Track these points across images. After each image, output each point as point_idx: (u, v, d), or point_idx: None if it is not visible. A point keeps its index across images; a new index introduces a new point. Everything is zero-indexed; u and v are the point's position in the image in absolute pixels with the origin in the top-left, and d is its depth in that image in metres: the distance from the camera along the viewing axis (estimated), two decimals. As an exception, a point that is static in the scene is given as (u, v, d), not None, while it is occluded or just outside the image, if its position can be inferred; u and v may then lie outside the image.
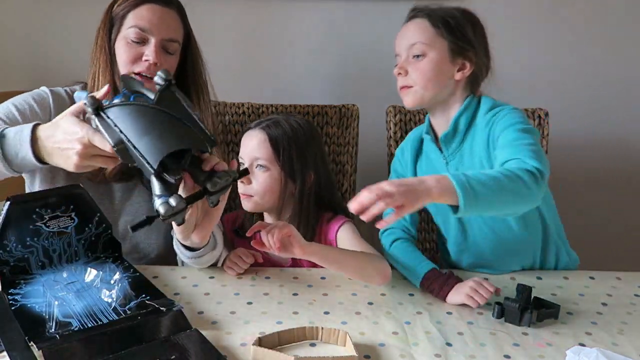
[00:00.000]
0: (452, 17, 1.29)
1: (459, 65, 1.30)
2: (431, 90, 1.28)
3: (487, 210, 1.07)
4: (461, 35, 1.29)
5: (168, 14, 1.32)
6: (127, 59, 1.30)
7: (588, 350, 1.01)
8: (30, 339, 0.96)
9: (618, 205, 2.10)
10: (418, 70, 1.28)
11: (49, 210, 1.17)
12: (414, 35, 1.29)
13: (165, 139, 0.95)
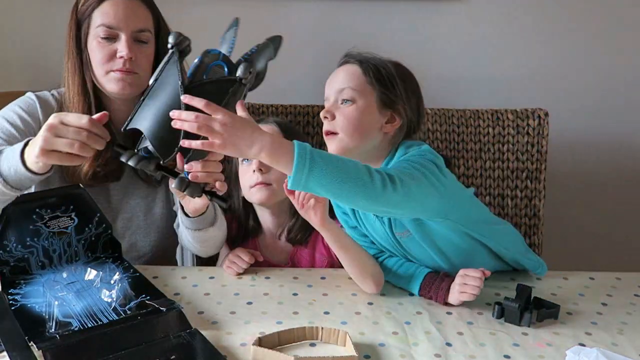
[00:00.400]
0: (384, 68, 1.25)
1: (387, 117, 1.23)
2: (357, 140, 1.21)
3: (322, 186, 1.00)
4: (391, 87, 1.23)
5: (132, 4, 1.30)
6: (101, 58, 1.29)
7: (588, 350, 1.01)
8: (30, 339, 0.96)
9: (618, 205, 2.10)
10: (344, 116, 1.21)
11: (49, 211, 1.17)
12: (343, 80, 1.24)
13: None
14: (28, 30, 1.87)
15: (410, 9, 1.91)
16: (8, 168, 1.10)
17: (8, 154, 1.11)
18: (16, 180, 1.10)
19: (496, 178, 1.71)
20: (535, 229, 1.70)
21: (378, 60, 1.27)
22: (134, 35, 1.29)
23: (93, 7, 1.29)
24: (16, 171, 1.09)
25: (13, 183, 1.11)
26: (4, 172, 1.10)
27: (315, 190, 1.01)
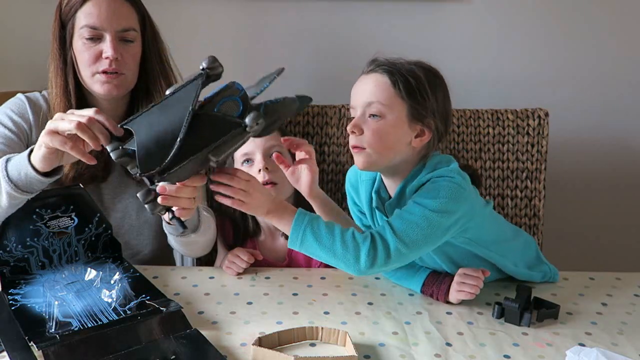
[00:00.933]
0: (414, 78, 1.17)
1: (417, 131, 1.18)
2: (384, 156, 1.17)
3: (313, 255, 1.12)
4: (422, 100, 1.17)
5: (116, 4, 1.29)
6: (87, 60, 1.29)
7: (588, 350, 1.01)
8: (30, 339, 0.97)
9: (618, 205, 2.10)
10: (372, 131, 1.16)
11: (49, 211, 1.17)
12: (372, 93, 1.17)
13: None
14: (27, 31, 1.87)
15: (411, 10, 1.91)
16: (18, 173, 1.09)
17: (15, 161, 1.11)
18: (26, 184, 1.10)
19: (496, 178, 1.71)
20: (535, 229, 1.70)
21: (408, 68, 1.18)
22: (118, 35, 1.29)
23: (76, 8, 1.28)
24: (26, 175, 1.08)
25: (23, 187, 1.10)
26: (14, 178, 1.09)
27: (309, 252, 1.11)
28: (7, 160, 1.11)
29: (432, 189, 1.15)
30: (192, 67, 1.49)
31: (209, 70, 0.99)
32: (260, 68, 1.95)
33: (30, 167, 1.07)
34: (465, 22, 1.92)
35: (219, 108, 0.98)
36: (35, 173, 1.07)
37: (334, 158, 1.72)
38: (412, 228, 1.11)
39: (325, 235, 1.09)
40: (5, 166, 1.10)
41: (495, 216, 1.33)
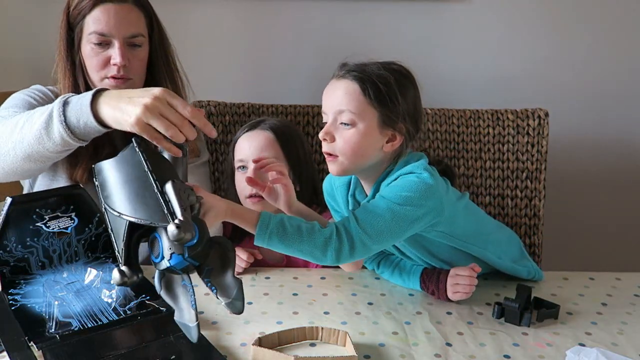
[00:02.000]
0: (384, 84, 1.16)
1: (388, 137, 1.18)
2: (357, 162, 1.17)
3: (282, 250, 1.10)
4: (392, 106, 1.16)
5: (124, 10, 1.29)
6: (96, 65, 1.28)
7: (588, 350, 1.01)
8: (30, 339, 0.97)
9: (618, 205, 2.10)
10: (344, 139, 1.16)
11: (49, 211, 1.17)
12: (342, 101, 1.17)
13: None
14: (28, 30, 1.87)
15: (411, 9, 1.91)
16: (77, 120, 1.05)
17: (75, 105, 1.06)
18: (83, 133, 1.06)
19: (496, 178, 1.71)
20: (535, 229, 1.70)
21: (378, 73, 1.17)
22: (127, 41, 1.29)
23: (84, 13, 1.28)
24: (85, 124, 1.05)
25: (80, 134, 1.07)
26: (72, 124, 1.05)
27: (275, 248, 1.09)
28: (65, 104, 1.07)
29: (399, 184, 1.16)
30: (196, 67, 1.51)
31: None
32: (261, 68, 1.97)
33: (92, 117, 1.03)
34: (465, 22, 1.92)
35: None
36: (97, 124, 1.03)
37: (334, 158, 1.72)
38: (375, 219, 1.11)
39: (292, 234, 1.08)
40: (63, 110, 1.06)
41: (473, 209, 1.34)
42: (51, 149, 1.09)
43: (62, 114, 1.06)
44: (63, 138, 1.07)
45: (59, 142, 1.08)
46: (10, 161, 1.15)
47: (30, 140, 1.10)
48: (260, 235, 1.07)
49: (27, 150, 1.11)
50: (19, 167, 1.15)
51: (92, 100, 1.04)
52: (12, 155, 1.13)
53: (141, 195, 0.89)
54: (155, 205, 0.87)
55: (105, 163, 0.93)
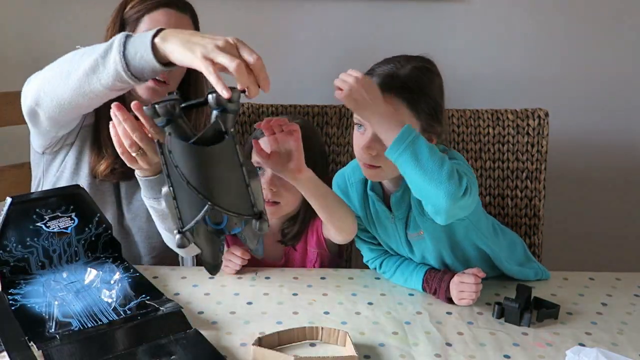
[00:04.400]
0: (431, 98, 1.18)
1: None
2: (397, 170, 1.14)
3: (412, 168, 1.08)
4: (434, 115, 1.19)
5: (182, 21, 1.30)
6: None
7: (588, 350, 1.01)
8: (30, 339, 0.97)
9: (618, 205, 2.10)
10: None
11: (49, 211, 1.17)
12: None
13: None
14: (28, 30, 1.87)
15: (411, 9, 1.91)
16: (134, 52, 1.02)
17: (136, 38, 1.04)
18: (138, 67, 1.03)
19: (496, 178, 1.70)
20: (535, 229, 1.70)
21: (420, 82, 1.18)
22: None
23: (144, 13, 1.28)
24: (142, 57, 1.01)
25: (134, 69, 1.03)
26: (129, 56, 1.02)
27: (403, 166, 1.08)
28: (128, 37, 1.04)
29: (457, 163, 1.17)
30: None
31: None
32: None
33: (150, 51, 1.00)
34: (465, 22, 1.92)
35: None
36: (154, 58, 1.00)
37: (334, 158, 1.72)
38: (469, 175, 1.13)
39: (435, 156, 1.06)
40: (125, 42, 1.03)
41: (483, 210, 1.36)
42: (104, 80, 1.06)
43: (122, 45, 1.03)
44: (117, 70, 1.04)
45: (112, 74, 1.05)
46: (61, 91, 1.12)
47: (86, 68, 1.07)
48: (399, 142, 1.06)
49: (82, 80, 1.08)
50: (67, 99, 1.12)
51: (154, 35, 1.01)
52: (64, 84, 1.11)
53: (234, 186, 0.92)
54: (242, 197, 0.92)
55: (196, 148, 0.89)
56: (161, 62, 1.00)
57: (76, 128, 1.33)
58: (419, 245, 1.28)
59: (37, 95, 1.16)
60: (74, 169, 1.34)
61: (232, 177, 0.91)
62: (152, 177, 1.19)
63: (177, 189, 0.91)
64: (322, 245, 1.41)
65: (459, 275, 1.22)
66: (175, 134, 0.92)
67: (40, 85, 1.15)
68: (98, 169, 1.33)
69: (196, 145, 0.89)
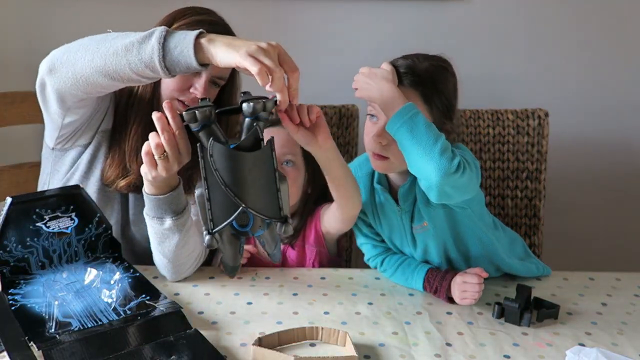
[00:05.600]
0: (445, 95, 1.22)
1: None
2: (405, 164, 1.18)
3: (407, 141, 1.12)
4: (447, 112, 1.23)
5: None
6: (175, 86, 1.27)
7: (588, 350, 1.01)
8: (30, 339, 0.97)
9: (618, 205, 2.10)
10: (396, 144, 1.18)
11: (49, 211, 1.17)
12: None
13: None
14: (28, 30, 1.87)
15: (411, 9, 1.91)
16: (174, 46, 1.04)
17: (179, 35, 1.05)
18: (174, 61, 1.04)
19: (496, 178, 1.70)
20: (535, 229, 1.70)
21: (435, 76, 1.23)
22: (212, 78, 1.28)
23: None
24: (181, 52, 1.03)
25: (169, 62, 1.04)
26: (168, 48, 1.04)
27: (400, 140, 1.13)
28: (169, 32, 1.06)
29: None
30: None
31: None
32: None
33: (192, 47, 1.02)
34: (466, 21, 1.92)
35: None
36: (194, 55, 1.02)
37: (334, 158, 1.72)
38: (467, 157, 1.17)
39: (431, 131, 1.11)
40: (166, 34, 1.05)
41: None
42: (133, 64, 1.07)
43: (163, 37, 1.05)
44: (152, 57, 1.04)
45: (146, 60, 1.05)
46: (81, 64, 1.12)
47: (118, 49, 1.08)
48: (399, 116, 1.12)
49: (109, 58, 1.09)
50: (86, 74, 1.12)
51: (197, 35, 1.04)
52: (89, 59, 1.11)
53: (266, 190, 0.96)
54: (272, 200, 0.97)
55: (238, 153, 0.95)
56: (199, 62, 1.03)
57: (92, 129, 1.31)
58: (423, 238, 1.29)
59: (52, 64, 1.15)
60: (85, 172, 1.33)
61: (265, 181, 0.96)
62: (161, 195, 1.17)
63: (211, 191, 0.95)
64: (320, 242, 1.41)
65: (461, 275, 1.22)
66: (206, 139, 0.97)
67: (61, 54, 1.15)
68: (119, 184, 1.31)
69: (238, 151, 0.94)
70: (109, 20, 1.41)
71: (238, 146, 0.95)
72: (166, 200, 1.17)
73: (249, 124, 1.00)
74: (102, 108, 1.31)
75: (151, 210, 1.19)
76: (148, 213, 1.20)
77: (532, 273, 1.34)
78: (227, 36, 1.06)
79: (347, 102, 1.73)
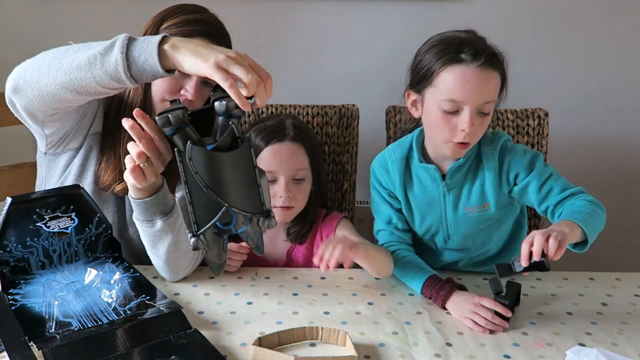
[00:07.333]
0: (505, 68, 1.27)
1: None
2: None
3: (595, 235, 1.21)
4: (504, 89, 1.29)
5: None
6: (166, 88, 1.26)
7: (588, 350, 1.01)
8: (30, 339, 0.97)
9: (617, 205, 2.09)
10: (481, 128, 1.24)
11: (49, 211, 1.17)
12: (490, 92, 1.22)
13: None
14: (28, 30, 1.87)
15: (412, 9, 1.91)
16: (138, 55, 1.01)
17: (141, 41, 1.02)
18: (139, 70, 1.02)
19: (496, 178, 1.70)
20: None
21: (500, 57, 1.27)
22: (203, 79, 1.26)
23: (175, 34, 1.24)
24: (146, 60, 1.00)
25: (134, 71, 1.03)
26: (132, 57, 1.01)
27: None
28: (131, 39, 1.03)
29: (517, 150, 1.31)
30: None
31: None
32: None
33: (156, 55, 0.99)
34: (466, 22, 1.91)
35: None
36: (159, 63, 0.99)
37: (334, 158, 1.72)
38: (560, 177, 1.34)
39: (586, 214, 1.26)
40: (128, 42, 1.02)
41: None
42: (99, 77, 1.05)
43: (125, 46, 1.02)
44: (117, 69, 1.02)
45: (110, 72, 1.04)
46: (46, 82, 1.10)
47: (81, 63, 1.05)
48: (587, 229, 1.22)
49: (73, 74, 1.07)
50: (52, 91, 1.10)
51: (160, 41, 1.01)
52: (52, 75, 1.09)
53: (248, 187, 0.95)
54: (253, 196, 0.95)
55: (216, 154, 0.93)
56: (165, 69, 1.00)
57: (81, 134, 1.31)
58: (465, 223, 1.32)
59: (16, 83, 1.13)
60: (78, 176, 1.33)
61: (246, 178, 0.95)
62: (147, 198, 1.16)
63: (193, 194, 0.93)
64: None
65: (479, 298, 1.17)
66: (181, 142, 0.95)
67: (23, 73, 1.13)
68: (115, 188, 1.31)
69: (216, 151, 0.93)
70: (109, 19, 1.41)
71: (216, 147, 0.93)
72: (154, 202, 1.16)
73: (223, 123, 0.97)
74: (90, 111, 1.31)
75: (140, 214, 1.18)
76: (138, 218, 1.19)
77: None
78: (193, 41, 1.02)
79: (347, 102, 1.73)
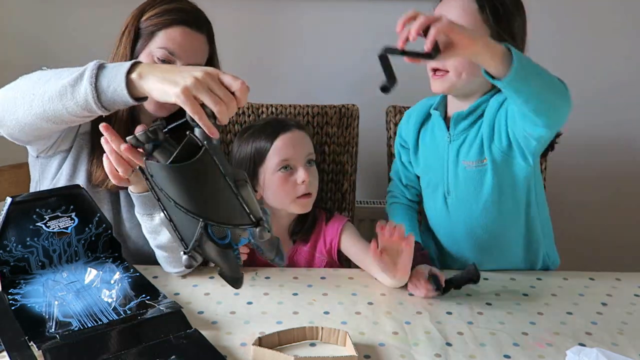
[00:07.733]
0: (501, 4, 1.21)
1: None
2: (464, 80, 1.22)
3: (530, 85, 1.06)
4: (506, 27, 1.21)
5: (198, 40, 1.29)
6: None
7: (588, 350, 1.01)
8: (30, 339, 0.97)
9: (618, 205, 2.10)
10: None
11: (49, 211, 1.17)
12: (458, 15, 1.17)
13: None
14: (28, 30, 1.87)
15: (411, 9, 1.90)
16: (107, 85, 1.00)
17: (110, 70, 1.01)
18: (109, 100, 1.02)
19: (496, 178, 1.70)
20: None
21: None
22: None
23: (160, 27, 1.26)
24: (115, 91, 1.00)
25: (105, 101, 1.02)
26: (101, 88, 1.00)
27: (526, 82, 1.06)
28: (100, 67, 1.03)
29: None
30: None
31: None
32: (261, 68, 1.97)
33: (124, 85, 0.98)
34: (465, 22, 1.92)
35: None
36: (128, 93, 0.99)
37: (334, 158, 1.72)
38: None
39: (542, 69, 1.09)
40: (97, 73, 1.01)
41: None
42: (70, 109, 1.05)
43: (94, 76, 1.02)
44: (87, 100, 1.02)
45: (81, 104, 1.03)
46: (22, 113, 1.10)
47: (52, 94, 1.05)
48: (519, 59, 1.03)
49: (45, 105, 1.07)
50: (29, 122, 1.11)
51: (129, 69, 1.00)
52: (27, 107, 1.09)
53: (223, 197, 0.89)
54: (235, 206, 0.89)
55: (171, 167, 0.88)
56: (134, 97, 1.00)
57: (70, 135, 1.31)
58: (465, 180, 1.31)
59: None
60: (70, 176, 1.33)
61: (217, 188, 0.89)
62: (146, 192, 1.17)
63: (170, 211, 0.90)
64: (332, 255, 1.43)
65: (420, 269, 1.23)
66: (162, 158, 0.91)
67: (1, 103, 1.14)
68: (109, 183, 1.30)
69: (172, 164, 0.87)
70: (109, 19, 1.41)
71: (173, 159, 0.88)
72: (150, 197, 1.17)
73: (190, 133, 0.92)
74: None
75: (141, 207, 1.21)
76: (139, 211, 1.22)
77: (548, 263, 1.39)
78: (161, 67, 1.01)
79: (347, 102, 1.73)
